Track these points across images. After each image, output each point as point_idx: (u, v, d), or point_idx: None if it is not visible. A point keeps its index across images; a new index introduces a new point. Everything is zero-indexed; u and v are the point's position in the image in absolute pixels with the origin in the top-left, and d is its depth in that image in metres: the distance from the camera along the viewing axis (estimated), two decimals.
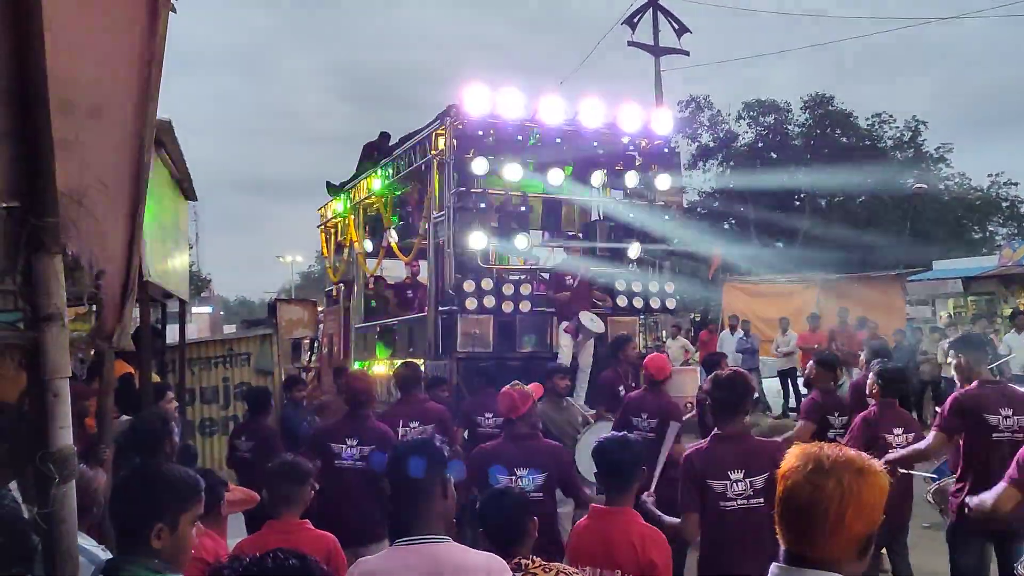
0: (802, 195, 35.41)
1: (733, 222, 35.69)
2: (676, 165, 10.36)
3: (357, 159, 12.03)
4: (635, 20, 22.88)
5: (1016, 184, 33.48)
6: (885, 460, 5.09)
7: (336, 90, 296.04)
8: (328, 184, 13.06)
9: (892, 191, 32.23)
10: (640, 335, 9.93)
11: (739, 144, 35.21)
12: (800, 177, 35.05)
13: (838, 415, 6.16)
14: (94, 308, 2.30)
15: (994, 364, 5.16)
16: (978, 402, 4.71)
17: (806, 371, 7.11)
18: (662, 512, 3.94)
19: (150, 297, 6.09)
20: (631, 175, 9.60)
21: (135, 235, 2.29)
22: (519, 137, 8.93)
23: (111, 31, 2.01)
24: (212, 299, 49.41)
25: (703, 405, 5.70)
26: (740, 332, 16.14)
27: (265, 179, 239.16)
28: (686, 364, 13.94)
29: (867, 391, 5.79)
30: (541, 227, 11.20)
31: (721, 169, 35.97)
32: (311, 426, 7.34)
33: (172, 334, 9.32)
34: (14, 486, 2.89)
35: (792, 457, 1.73)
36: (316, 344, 13.42)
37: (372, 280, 11.87)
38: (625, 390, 7.48)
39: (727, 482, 3.70)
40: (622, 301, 9.26)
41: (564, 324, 8.60)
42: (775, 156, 33.97)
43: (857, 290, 17.70)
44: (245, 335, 10.44)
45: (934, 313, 22.17)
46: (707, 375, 6.56)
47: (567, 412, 7.03)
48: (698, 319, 19.72)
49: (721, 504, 3.69)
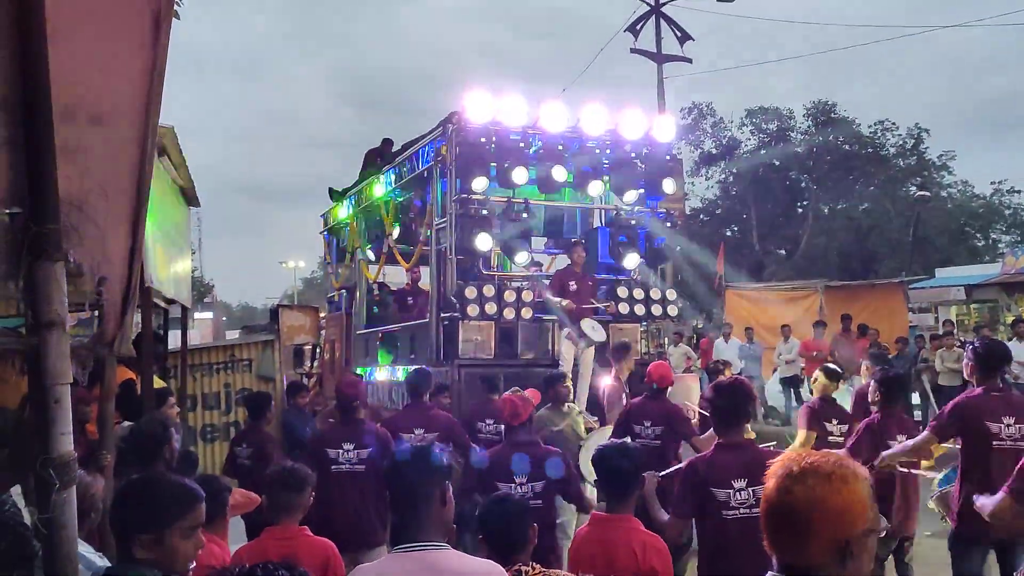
0: (805, 202, 35.43)
1: (736, 229, 35.71)
2: (678, 172, 10.37)
3: (360, 165, 12.06)
4: (638, 27, 22.93)
5: (1019, 191, 33.45)
6: (881, 456, 5.11)
7: (340, 96, 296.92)
8: (331, 190, 13.08)
9: (895, 198, 32.24)
10: (642, 342, 9.92)
11: (742, 151, 35.22)
12: (803, 184, 35.11)
13: (837, 422, 6.17)
14: (96, 314, 2.31)
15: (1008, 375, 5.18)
16: (979, 409, 4.69)
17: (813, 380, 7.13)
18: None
19: (152, 303, 6.11)
20: (633, 182, 9.59)
21: (137, 241, 2.31)
22: (521, 144, 8.94)
23: (114, 40, 2.02)
24: (214, 305, 49.43)
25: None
26: (735, 339, 16.10)
27: (268, 184, 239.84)
28: (688, 371, 13.93)
29: (870, 399, 5.81)
30: (543, 234, 11.21)
31: (724, 176, 36.00)
32: (312, 432, 7.34)
33: (174, 340, 9.35)
34: (15, 491, 2.89)
35: (773, 465, 1.76)
36: (318, 350, 13.43)
37: (374, 286, 11.88)
38: (627, 398, 7.49)
39: (730, 491, 3.69)
40: (624, 308, 9.25)
41: (566, 331, 8.60)
42: (778, 163, 33.98)
43: (859, 297, 17.69)
44: (247, 341, 10.46)
45: (937, 320, 22.12)
46: (709, 382, 6.58)
47: (569, 418, 7.02)
48: (700, 326, 19.69)
49: (724, 513, 3.69)
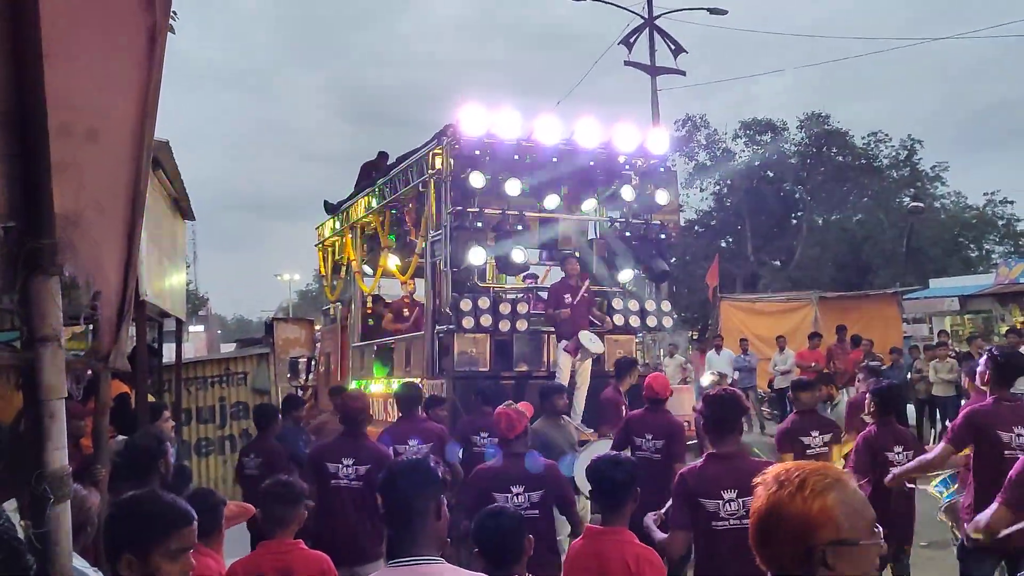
0: (799, 213, 35.54)
1: (730, 240, 35.79)
2: (673, 184, 10.41)
3: (355, 178, 12.08)
4: (632, 40, 23.00)
5: (1012, 202, 33.60)
6: (893, 475, 5.11)
7: (335, 109, 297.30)
8: (326, 203, 13.08)
9: (888, 209, 32.34)
10: (637, 354, 9.93)
11: (736, 163, 35.34)
12: (797, 195, 35.23)
13: (818, 433, 6.21)
14: (90, 328, 2.31)
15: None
16: (992, 418, 4.69)
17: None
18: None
19: (147, 316, 6.11)
20: (628, 194, 9.62)
21: (131, 256, 2.31)
22: (516, 156, 8.97)
23: (109, 56, 2.03)
24: (209, 318, 49.33)
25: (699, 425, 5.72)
26: (727, 351, 16.09)
27: (263, 198, 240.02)
28: (684, 383, 13.93)
29: (865, 410, 5.83)
30: (538, 246, 11.22)
31: (718, 188, 36.10)
32: (306, 446, 7.32)
33: (169, 353, 9.33)
34: (9, 506, 2.88)
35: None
36: (313, 363, 13.41)
37: (369, 299, 11.88)
38: (625, 410, 7.50)
39: (720, 501, 3.69)
40: (619, 320, 9.26)
41: (563, 343, 8.60)
42: (772, 174, 34.09)
43: (854, 308, 17.74)
44: (242, 354, 10.45)
45: (931, 331, 22.17)
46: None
47: (564, 431, 7.02)
48: (695, 337, 19.71)
49: (713, 524, 3.68)
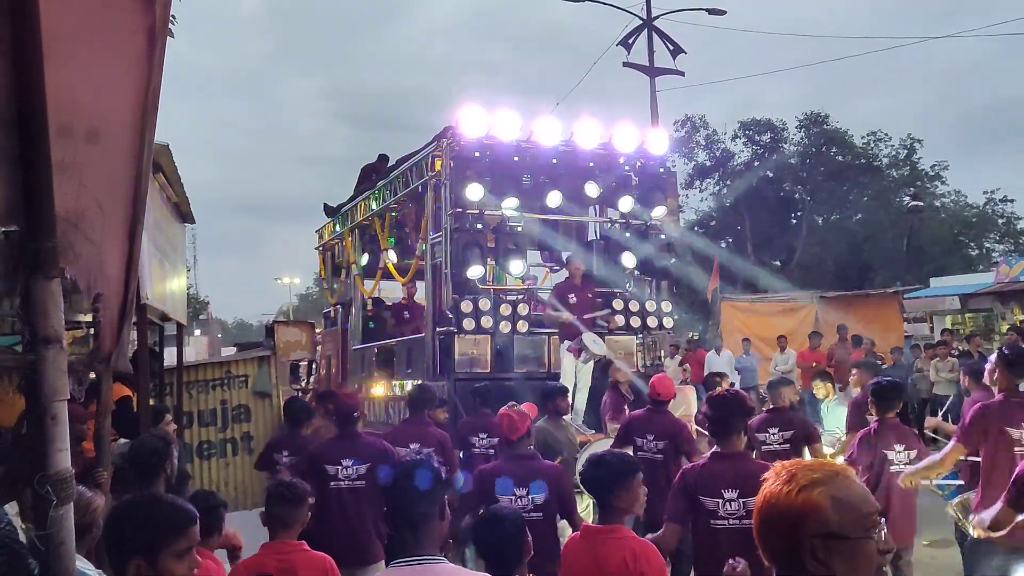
0: (799, 213, 35.55)
1: (730, 241, 35.80)
2: (672, 185, 10.42)
3: (355, 181, 12.09)
4: (630, 41, 23.00)
5: (1012, 200, 33.65)
6: (904, 475, 5.10)
7: (334, 112, 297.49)
8: (326, 206, 13.10)
9: (888, 209, 32.36)
10: (639, 355, 9.93)
11: (735, 163, 35.36)
12: (796, 195, 35.24)
13: (777, 430, 6.31)
14: (92, 331, 2.31)
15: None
16: (1000, 415, 4.70)
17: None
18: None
19: (148, 320, 6.11)
20: (627, 195, 9.63)
21: (133, 258, 2.31)
22: (515, 158, 8.98)
23: (109, 57, 2.04)
24: (210, 322, 49.35)
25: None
26: (727, 352, 16.08)
27: (264, 201, 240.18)
28: (685, 383, 13.92)
29: (868, 408, 5.84)
30: (538, 247, 11.23)
31: (717, 188, 36.12)
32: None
33: (170, 357, 9.33)
34: (11, 509, 2.89)
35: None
36: (314, 366, 13.42)
37: (370, 301, 11.89)
38: (628, 409, 7.54)
39: (719, 500, 3.69)
40: (619, 320, 9.27)
41: (566, 344, 8.60)
42: (771, 175, 34.12)
43: (855, 308, 17.74)
44: (243, 357, 10.44)
45: (932, 330, 22.17)
46: (706, 394, 6.61)
47: (567, 431, 7.03)
48: (696, 338, 19.71)
49: (712, 522, 3.68)
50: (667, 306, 9.75)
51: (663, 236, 9.91)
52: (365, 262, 11.69)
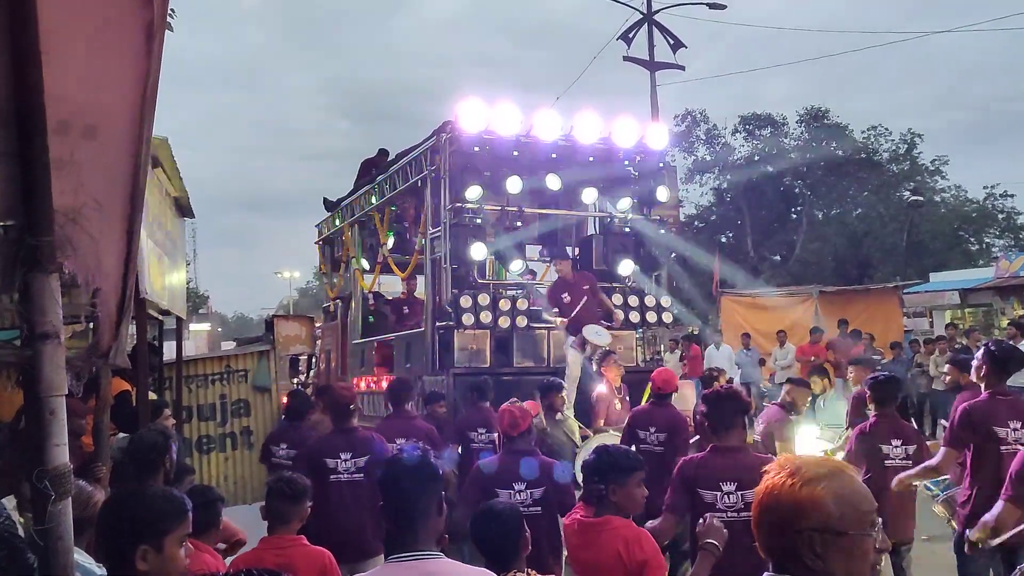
0: (799, 208, 35.52)
1: (730, 235, 35.78)
2: (672, 179, 10.41)
3: (355, 175, 12.07)
4: (631, 35, 23.00)
5: (1012, 195, 33.58)
6: (898, 479, 5.10)
7: (334, 107, 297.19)
8: (325, 200, 13.09)
9: (888, 203, 32.34)
10: (639, 349, 9.94)
11: (735, 158, 35.32)
12: (796, 190, 35.21)
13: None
14: (90, 326, 2.32)
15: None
16: (987, 414, 4.69)
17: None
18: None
19: (147, 314, 6.11)
20: (626, 190, 9.61)
21: (131, 253, 2.31)
22: (515, 152, 8.96)
23: (107, 52, 2.03)
24: (209, 316, 49.36)
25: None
26: (726, 347, 16.09)
27: (263, 196, 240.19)
28: (684, 378, 13.94)
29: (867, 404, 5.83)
30: (537, 242, 11.22)
31: (717, 183, 36.08)
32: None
33: (169, 351, 9.34)
34: (9, 503, 2.89)
35: None
36: (314, 360, 13.42)
37: (370, 296, 11.88)
38: (620, 404, 7.54)
39: (718, 493, 3.71)
40: (619, 315, 9.27)
41: (570, 339, 8.60)
42: (771, 169, 34.09)
43: (855, 302, 17.74)
44: (242, 352, 10.44)
45: (931, 325, 22.18)
46: (704, 390, 6.62)
47: (564, 426, 7.04)
48: (696, 332, 19.72)
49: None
50: (667, 300, 9.75)
51: (663, 231, 9.90)
52: (365, 257, 11.68)
